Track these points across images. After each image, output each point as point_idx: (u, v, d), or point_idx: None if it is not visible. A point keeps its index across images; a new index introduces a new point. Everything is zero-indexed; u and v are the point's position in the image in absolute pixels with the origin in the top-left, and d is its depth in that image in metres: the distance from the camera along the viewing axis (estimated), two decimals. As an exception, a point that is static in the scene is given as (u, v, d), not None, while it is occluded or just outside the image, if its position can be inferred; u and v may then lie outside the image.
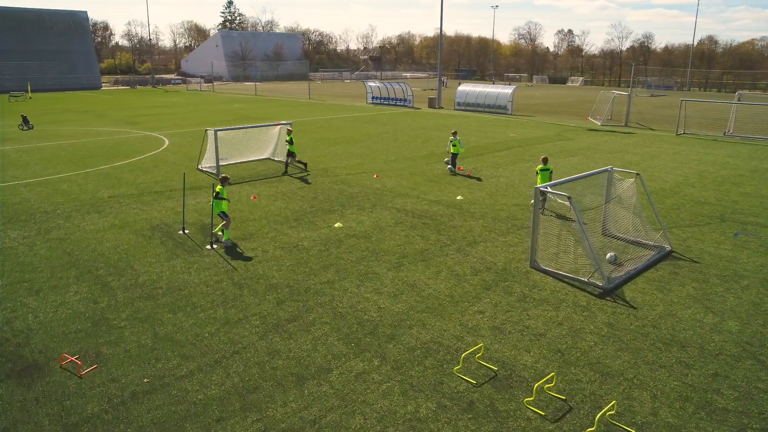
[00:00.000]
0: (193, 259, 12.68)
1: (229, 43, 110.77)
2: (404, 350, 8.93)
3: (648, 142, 32.26)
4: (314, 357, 8.65)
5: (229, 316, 9.93)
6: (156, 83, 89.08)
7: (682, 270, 12.58)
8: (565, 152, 28.01)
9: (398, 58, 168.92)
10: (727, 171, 23.87)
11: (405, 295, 10.94)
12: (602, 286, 11.52)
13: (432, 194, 18.93)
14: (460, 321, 9.95)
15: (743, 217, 16.87)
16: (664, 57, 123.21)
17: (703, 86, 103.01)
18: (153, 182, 20.33)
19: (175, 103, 55.96)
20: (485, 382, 8.15)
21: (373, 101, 57.72)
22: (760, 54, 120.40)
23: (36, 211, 16.61)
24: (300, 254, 13.08)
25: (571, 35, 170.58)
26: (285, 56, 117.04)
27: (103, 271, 12.00)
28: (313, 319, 9.88)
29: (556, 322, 10.04)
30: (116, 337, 9.17)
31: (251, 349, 8.83)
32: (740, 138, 34.64)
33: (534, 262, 12.55)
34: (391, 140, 31.19)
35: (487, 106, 50.20)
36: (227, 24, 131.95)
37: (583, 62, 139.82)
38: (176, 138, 31.21)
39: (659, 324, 10.02)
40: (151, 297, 10.69)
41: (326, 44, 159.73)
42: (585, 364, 8.71)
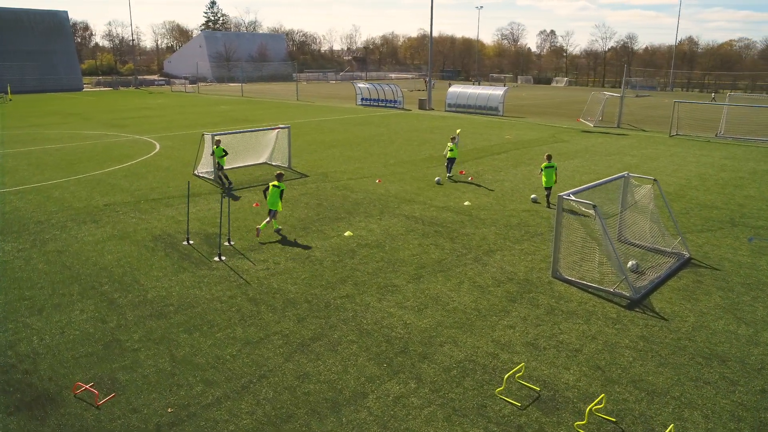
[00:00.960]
0: (202, 273, 12.09)
1: (213, 44, 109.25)
2: (440, 370, 8.49)
3: (643, 143, 32.28)
4: (346, 380, 8.17)
5: (249, 336, 9.40)
6: (139, 84, 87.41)
7: (705, 278, 12.33)
8: (563, 155, 27.84)
9: (382, 58, 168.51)
10: (727, 173, 23.87)
11: (429, 309, 10.51)
12: (629, 296, 11.22)
13: (438, 200, 18.54)
14: (491, 337, 9.54)
15: (753, 221, 16.76)
16: (646, 58, 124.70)
17: (685, 87, 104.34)
18: (149, 189, 19.61)
19: (161, 105, 54.84)
20: (530, 404, 7.75)
21: (362, 103, 57.21)
22: (738, 55, 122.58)
23: (29, 221, 15.84)
24: (313, 266, 12.57)
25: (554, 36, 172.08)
26: (269, 57, 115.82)
27: (108, 286, 11.37)
28: (338, 337, 9.40)
29: (589, 336, 9.69)
30: (131, 361, 8.59)
31: (278, 373, 8.32)
32: (732, 139, 34.87)
33: (556, 272, 12.21)
34: (388, 143, 30.76)
35: (478, 107, 50.03)
36: (210, 24, 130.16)
37: (567, 63, 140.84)
38: (167, 141, 30.40)
39: (694, 336, 9.74)
40: (162, 315, 10.11)
41: (310, 45, 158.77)
42: (628, 381, 8.36)
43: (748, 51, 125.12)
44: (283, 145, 23.84)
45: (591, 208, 11.53)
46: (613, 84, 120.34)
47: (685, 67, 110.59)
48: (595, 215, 11.50)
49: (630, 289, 11.29)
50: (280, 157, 23.92)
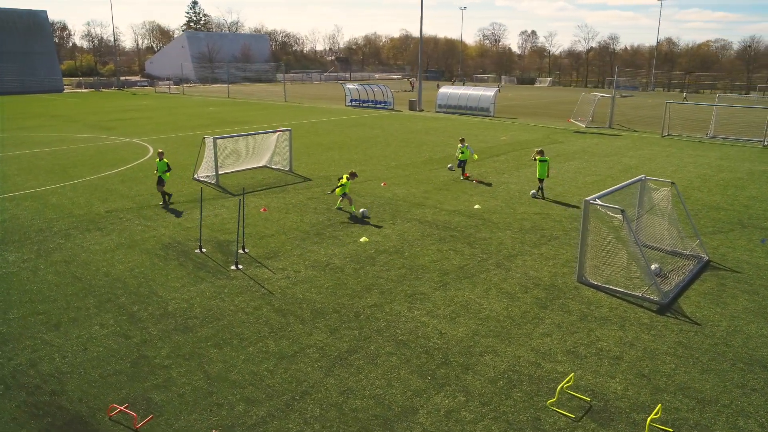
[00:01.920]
0: (221, 283, 11.71)
1: (196, 45, 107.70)
2: (486, 382, 8.27)
3: (638, 144, 32.52)
4: (393, 395, 7.90)
5: (283, 349, 9.07)
6: (121, 86, 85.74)
7: (727, 281, 12.31)
8: (561, 156, 27.88)
9: (365, 59, 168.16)
10: (726, 174, 24.09)
11: (462, 318, 10.28)
12: (658, 301, 11.13)
13: (448, 203, 18.34)
14: (530, 345, 9.35)
15: (761, 222, 16.86)
16: (627, 58, 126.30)
17: (666, 87, 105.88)
18: (149, 194, 19.07)
19: (146, 107, 53.82)
20: (583, 415, 7.56)
21: (351, 104, 56.86)
22: (716, 55, 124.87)
23: (29, 229, 15.25)
24: (335, 274, 12.26)
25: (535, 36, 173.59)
26: (253, 57, 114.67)
27: (125, 299, 10.92)
28: (375, 349, 9.12)
29: (626, 342, 9.56)
30: (164, 380, 8.20)
31: (320, 389, 8.01)
32: (722, 139, 35.32)
33: (582, 277, 12.08)
34: (385, 145, 30.50)
35: (469, 108, 50.05)
36: (192, 25, 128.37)
37: (550, 63, 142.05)
38: (159, 144, 29.70)
39: (730, 342, 9.66)
40: (188, 329, 9.72)
41: (292, 45, 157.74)
42: (675, 389, 8.23)
43: (725, 51, 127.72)
44: (283, 149, 23.43)
45: (619, 213, 11.42)
46: (596, 84, 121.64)
47: (665, 67, 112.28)
48: (623, 220, 11.39)
49: (659, 293, 11.20)
50: (281, 160, 23.52)
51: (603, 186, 21.25)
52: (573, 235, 15.21)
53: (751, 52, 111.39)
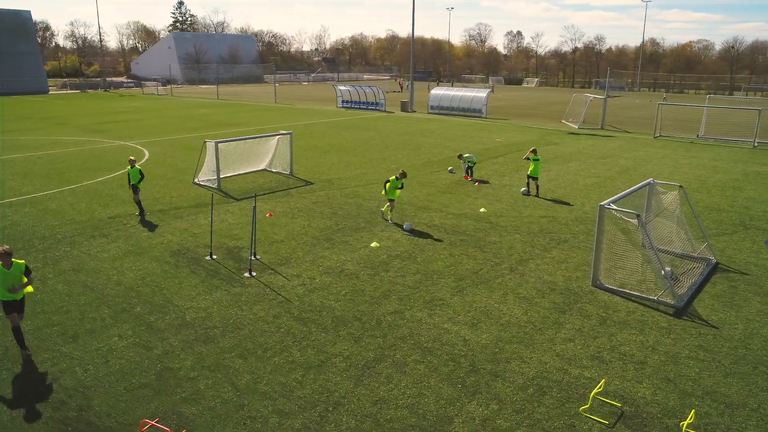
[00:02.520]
0: (237, 291, 11.58)
1: (183, 45, 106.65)
2: (516, 389, 8.27)
3: (632, 145, 32.84)
4: (426, 404, 7.87)
5: (309, 359, 8.99)
6: (107, 87, 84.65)
7: (738, 284, 12.45)
8: (559, 158, 28.07)
9: (352, 59, 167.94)
10: (722, 175, 24.41)
11: (484, 324, 10.28)
12: (674, 304, 11.22)
13: (453, 207, 18.35)
14: (554, 351, 9.37)
15: (763, 223, 17.09)
16: (612, 59, 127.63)
17: (651, 87, 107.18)
18: (151, 199, 18.82)
19: (136, 109, 53.20)
20: (616, 421, 7.59)
21: (343, 105, 56.73)
22: (698, 56, 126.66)
23: (32, 236, 14.97)
24: (350, 280, 12.19)
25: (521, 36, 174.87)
26: (240, 58, 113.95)
27: (140, 308, 10.76)
28: (402, 357, 9.07)
29: (648, 347, 9.62)
30: (191, 392, 8.08)
31: (352, 399, 7.95)
32: (713, 140, 35.78)
33: (596, 281, 12.14)
34: (382, 148, 30.45)
35: (461, 109, 50.19)
36: (178, 25, 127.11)
37: (537, 63, 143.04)
38: (155, 148, 29.39)
39: (749, 344, 9.77)
40: (209, 339, 9.59)
41: (279, 46, 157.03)
42: (702, 394, 8.30)
43: (707, 52, 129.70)
44: (283, 152, 23.29)
45: (634, 218, 11.50)
46: (582, 84, 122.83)
47: (650, 67, 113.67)
48: (638, 225, 11.47)
49: (674, 297, 11.30)
50: (281, 163, 23.37)
51: (603, 188, 21.44)
52: (581, 238, 15.31)
53: (733, 53, 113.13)
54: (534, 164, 19.88)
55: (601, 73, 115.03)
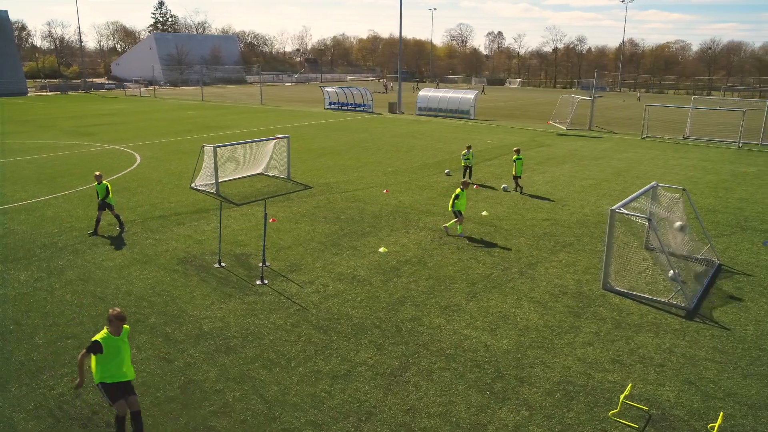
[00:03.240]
0: (251, 299, 11.48)
1: (164, 46, 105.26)
2: (543, 394, 8.34)
3: (621, 146, 33.32)
4: (457, 411, 7.89)
5: (334, 369, 8.95)
6: (88, 88, 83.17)
7: (743, 285, 12.71)
8: (552, 160, 28.35)
9: (334, 60, 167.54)
10: (712, 176, 24.88)
11: (502, 329, 10.35)
12: (684, 306, 11.41)
13: (455, 210, 18.41)
14: (575, 355, 9.47)
15: (758, 224, 17.47)
16: (592, 59, 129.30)
17: (632, 87, 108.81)
18: (149, 205, 18.56)
19: (121, 111, 52.40)
20: (645, 424, 7.71)
21: (331, 107, 56.60)
22: (676, 56, 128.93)
23: (32, 245, 14.66)
24: (363, 287, 12.17)
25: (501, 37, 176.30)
26: (222, 59, 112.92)
27: (155, 319, 10.60)
28: (427, 365, 9.09)
29: (665, 349, 9.77)
30: (220, 405, 7.99)
31: (383, 409, 7.94)
32: (699, 140, 36.45)
33: (607, 284, 12.29)
34: (376, 150, 30.44)
35: (449, 111, 50.42)
36: (159, 26, 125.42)
37: (519, 64, 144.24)
38: (145, 151, 28.98)
39: (762, 345, 9.98)
40: (230, 350, 9.49)
41: (261, 46, 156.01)
42: (724, 395, 8.46)
43: (684, 53, 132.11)
44: (280, 156, 23.17)
45: (646, 221, 11.67)
46: (564, 85, 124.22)
47: (630, 67, 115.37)
48: (650, 228, 11.64)
49: (685, 299, 11.50)
50: (278, 167, 23.23)
51: (600, 189, 21.71)
52: (585, 241, 15.49)
53: (710, 54, 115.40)
54: (517, 164, 20.89)
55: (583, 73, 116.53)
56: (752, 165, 27.76)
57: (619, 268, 12.85)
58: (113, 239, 15.13)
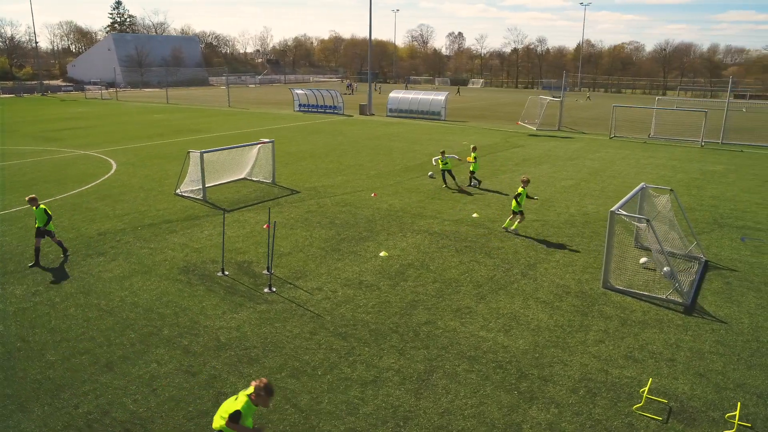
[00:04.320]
0: (262, 308, 11.42)
1: (123, 47, 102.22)
2: (568, 392, 8.64)
3: (592, 146, 34.36)
4: (490, 412, 8.10)
5: (361, 375, 9.03)
6: (44, 91, 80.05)
7: (731, 280, 13.36)
8: (529, 161, 29.02)
9: (296, 61, 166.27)
10: (683, 175, 25.96)
11: (516, 330, 10.63)
12: (682, 302, 11.95)
13: (446, 213, 18.69)
14: (590, 353, 9.83)
15: (733, 221, 18.36)
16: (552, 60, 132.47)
17: (591, 87, 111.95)
18: (137, 213, 18.15)
19: (85, 115, 50.73)
20: (668, 417, 8.09)
21: (300, 109, 56.26)
22: (630, 57, 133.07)
23: (21, 257, 14.15)
24: (373, 292, 12.27)
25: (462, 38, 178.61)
26: (184, 60, 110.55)
27: (168, 331, 10.44)
28: (451, 368, 9.27)
29: (672, 344, 10.24)
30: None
31: (419, 413, 8.08)
32: (664, 140, 37.89)
33: (607, 283, 12.75)
34: (355, 153, 30.50)
35: (420, 112, 50.88)
36: (116, 26, 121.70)
37: (481, 64, 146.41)
38: (119, 156, 28.22)
39: (759, 337, 10.56)
40: (253, 360, 9.45)
41: (222, 47, 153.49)
42: (734, 386, 8.94)
43: (639, 53, 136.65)
44: (265, 160, 22.99)
45: (644, 222, 12.17)
46: (526, 85, 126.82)
47: (588, 68, 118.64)
48: (648, 228, 12.15)
49: (681, 295, 12.04)
50: (262, 172, 23.04)
51: (580, 190, 22.38)
52: (577, 241, 15.98)
53: (664, 55, 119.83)
54: (474, 163, 22.51)
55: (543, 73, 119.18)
56: (717, 163, 29.10)
57: (614, 267, 13.34)
58: (106, 250, 14.74)
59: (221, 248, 14.81)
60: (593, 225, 17.46)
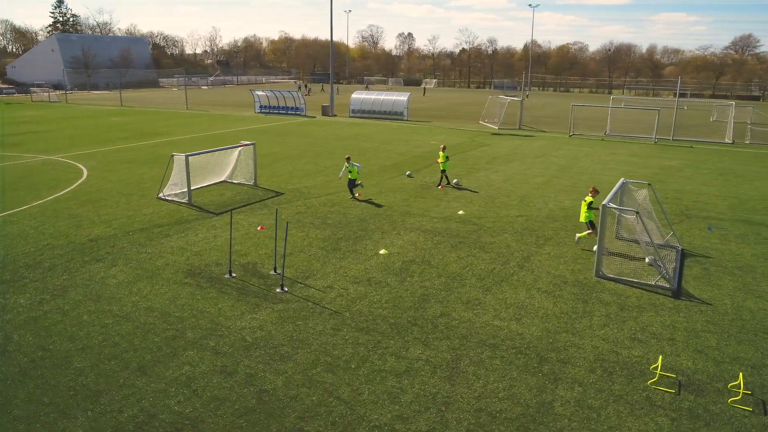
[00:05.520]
0: (280, 308, 11.63)
1: (68, 48, 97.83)
2: (586, 372, 9.33)
3: (555, 144, 35.82)
4: (521, 393, 8.68)
5: (394, 366, 9.44)
6: (-17, 93, 75.98)
7: (708, 266, 14.46)
8: (499, 159, 30.02)
9: (247, 61, 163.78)
10: (645, 170, 27.52)
11: (526, 318, 11.28)
12: (669, 287, 12.92)
13: (433, 211, 19.26)
14: (598, 336, 10.58)
15: (698, 212, 19.74)
16: (502, 60, 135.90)
17: (540, 86, 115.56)
18: (124, 218, 17.85)
19: (38, 118, 48.58)
20: (679, 390, 8.89)
21: (262, 110, 55.79)
22: (575, 57, 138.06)
23: (14, 265, 13.76)
24: (383, 288, 12.67)
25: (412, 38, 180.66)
26: (133, 62, 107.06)
27: (192, 333, 10.52)
28: (476, 356, 9.80)
29: (669, 325, 11.12)
30: (303, 411, 8.23)
31: (456, 398, 8.56)
32: (619, 137, 39.85)
33: (599, 272, 13.61)
34: (329, 154, 30.72)
35: (383, 112, 51.45)
36: (59, 26, 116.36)
37: (433, 64, 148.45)
38: (88, 161, 27.40)
39: (741, 316, 11.59)
40: (285, 357, 9.69)
41: (170, 48, 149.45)
42: (730, 360, 9.86)
43: (583, 53, 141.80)
44: (245, 163, 22.96)
45: (634, 215, 13.08)
46: (478, 84, 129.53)
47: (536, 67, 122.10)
48: (637, 220, 13.06)
49: (668, 281, 13.03)
50: (243, 174, 23.00)
51: (553, 186, 23.45)
52: (562, 234, 16.86)
53: (609, 55, 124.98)
54: (444, 162, 22.57)
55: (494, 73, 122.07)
56: (673, 158, 30.98)
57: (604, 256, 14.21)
58: (102, 256, 14.52)
59: (222, 251, 14.89)
60: (573, 219, 18.41)
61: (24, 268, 13.65)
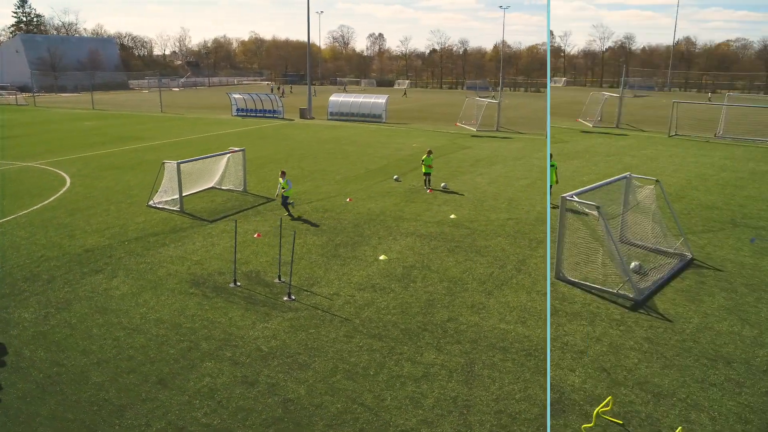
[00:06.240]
0: (290, 316, 11.79)
1: (34, 49, 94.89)
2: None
3: (643, 144, 35.75)
4: (538, 396, 9.05)
5: (411, 372, 9.71)
6: (-56, 96, 73.32)
7: (708, 279, 13.57)
8: (482, 161, 30.51)
9: (217, 62, 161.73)
10: (728, 173, 26.21)
11: (530, 321, 11.65)
12: (633, 297, 12.27)
13: (425, 215, 19.55)
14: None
15: (754, 221, 18.32)
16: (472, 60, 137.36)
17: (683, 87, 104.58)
18: (117, 227, 17.67)
19: (9, 122, 47.22)
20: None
21: (238, 113, 55.38)
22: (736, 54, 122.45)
23: (11, 277, 13.56)
24: (388, 294, 12.93)
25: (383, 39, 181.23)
26: (101, 63, 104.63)
27: (206, 344, 10.61)
28: (488, 359, 10.15)
29: (593, 337, 10.73)
30: (329, 419, 8.44)
31: (476, 401, 8.89)
32: (731, 139, 37.55)
33: (560, 273, 13.60)
34: (313, 158, 30.77)
35: (362, 115, 51.64)
36: (22, 26, 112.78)
37: (406, 65, 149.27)
38: (69, 168, 26.89)
39: (698, 338, 10.71)
40: (303, 366, 9.87)
41: (138, 49, 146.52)
42: (633, 383, 9.21)
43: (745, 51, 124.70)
44: (234, 169, 22.94)
45: (594, 209, 12.73)
46: (450, 85, 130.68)
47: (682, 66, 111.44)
48: (599, 216, 12.81)
49: (633, 290, 12.37)
50: (233, 180, 22.95)
51: (539, 188, 23.94)
52: (553, 236, 17.35)
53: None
54: (425, 164, 23.32)
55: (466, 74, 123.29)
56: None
57: (580, 260, 13.82)
58: (101, 267, 14.41)
59: (222, 259, 14.96)
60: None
61: (22, 281, 13.47)
